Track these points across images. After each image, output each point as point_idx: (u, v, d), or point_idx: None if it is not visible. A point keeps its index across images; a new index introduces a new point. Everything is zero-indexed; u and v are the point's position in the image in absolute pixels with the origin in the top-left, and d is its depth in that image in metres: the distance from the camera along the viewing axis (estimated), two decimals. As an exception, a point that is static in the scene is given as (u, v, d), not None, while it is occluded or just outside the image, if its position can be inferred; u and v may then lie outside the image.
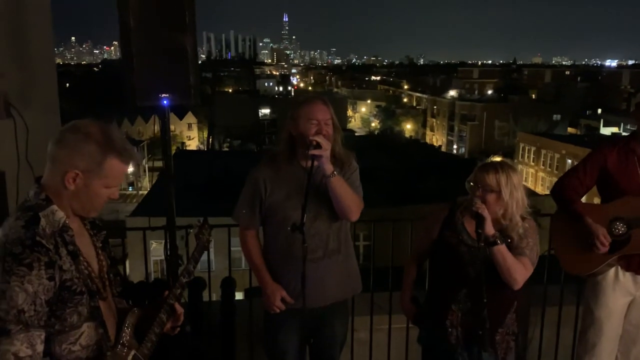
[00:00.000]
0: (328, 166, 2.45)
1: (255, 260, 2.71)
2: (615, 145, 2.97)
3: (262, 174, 2.63)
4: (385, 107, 73.96)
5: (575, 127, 58.31)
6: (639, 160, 2.88)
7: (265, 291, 2.68)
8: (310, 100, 2.59)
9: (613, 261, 2.92)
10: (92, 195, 1.61)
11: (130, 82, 2.57)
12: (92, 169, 1.57)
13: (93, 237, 1.74)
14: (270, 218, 2.66)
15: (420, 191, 23.62)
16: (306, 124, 2.50)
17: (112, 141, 1.60)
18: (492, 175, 2.38)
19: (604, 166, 2.94)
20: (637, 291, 2.97)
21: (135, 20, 2.50)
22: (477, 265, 2.39)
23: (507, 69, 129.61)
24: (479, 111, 59.69)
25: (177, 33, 2.58)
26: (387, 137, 51.49)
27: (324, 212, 2.56)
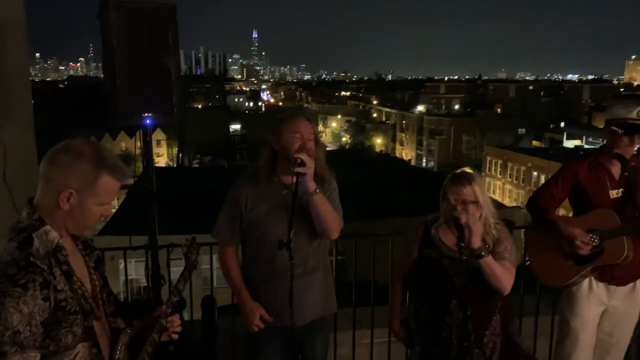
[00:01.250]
0: (311, 184, 2.45)
1: (234, 278, 2.68)
2: (586, 160, 3.09)
3: (242, 190, 2.62)
4: (355, 122, 74.63)
5: (539, 140, 59.85)
6: (608, 174, 3.00)
7: (243, 310, 2.65)
8: (294, 115, 2.59)
9: (587, 272, 3.01)
10: (86, 213, 1.61)
11: (113, 101, 2.56)
12: (86, 187, 1.58)
13: (85, 257, 1.73)
14: (249, 234, 2.64)
15: (392, 205, 23.86)
16: (289, 138, 2.50)
17: (105, 159, 1.61)
18: (468, 187, 2.46)
19: (576, 180, 3.05)
20: (610, 301, 3.07)
21: (118, 40, 2.50)
22: (462, 275, 2.44)
23: (473, 84, 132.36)
24: (447, 126, 60.81)
25: (160, 53, 2.59)
26: (358, 152, 51.93)
27: (304, 230, 2.55)
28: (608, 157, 2.98)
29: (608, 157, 2.98)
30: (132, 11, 2.51)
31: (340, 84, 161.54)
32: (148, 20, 2.58)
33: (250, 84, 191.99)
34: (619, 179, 2.96)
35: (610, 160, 2.98)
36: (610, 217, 2.91)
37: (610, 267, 2.97)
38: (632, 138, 2.87)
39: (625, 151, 2.90)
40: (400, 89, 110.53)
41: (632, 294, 3.06)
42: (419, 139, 65.36)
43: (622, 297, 3.06)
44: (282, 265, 2.47)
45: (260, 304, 2.62)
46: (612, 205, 2.95)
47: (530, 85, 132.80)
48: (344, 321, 3.70)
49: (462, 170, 2.58)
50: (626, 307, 3.06)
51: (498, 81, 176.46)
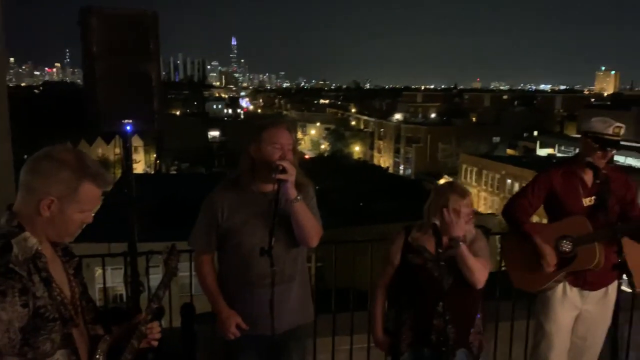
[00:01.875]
0: (292, 191, 2.46)
1: (209, 286, 2.66)
2: (560, 168, 3.18)
3: (219, 198, 2.60)
4: (334, 130, 74.83)
5: (513, 148, 60.84)
6: (581, 182, 3.09)
7: (220, 318, 2.63)
8: (275, 124, 2.58)
9: (561, 277, 3.09)
10: (67, 220, 1.61)
11: (93, 107, 2.55)
12: (67, 195, 1.57)
13: (65, 264, 1.72)
14: (226, 243, 2.62)
15: (370, 212, 23.99)
16: (269, 148, 2.49)
17: (86, 167, 1.60)
18: (468, 199, 2.62)
19: (550, 187, 3.13)
20: (583, 305, 3.15)
21: (99, 46, 2.49)
22: (447, 278, 2.59)
23: (449, 93, 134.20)
24: (424, 134, 61.44)
25: (141, 60, 2.58)
26: (337, 159, 52.07)
27: (283, 238, 2.54)
28: (581, 166, 3.07)
29: (581, 166, 3.07)
30: (113, 18, 2.51)
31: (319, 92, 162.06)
32: (129, 27, 2.57)
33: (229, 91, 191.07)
34: (592, 187, 3.05)
35: (584, 169, 3.07)
36: (583, 224, 2.99)
37: (584, 273, 3.05)
38: (605, 152, 2.99)
39: (598, 163, 3.00)
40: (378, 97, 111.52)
41: (605, 298, 3.14)
42: (397, 147, 65.84)
43: (594, 301, 3.14)
44: (258, 273, 2.48)
45: (236, 312, 2.61)
46: (585, 212, 3.04)
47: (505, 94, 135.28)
48: (323, 328, 3.70)
49: (456, 182, 2.72)
50: (599, 311, 3.14)
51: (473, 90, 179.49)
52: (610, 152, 3.00)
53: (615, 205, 3.03)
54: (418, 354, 2.69)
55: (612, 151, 3.00)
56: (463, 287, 2.61)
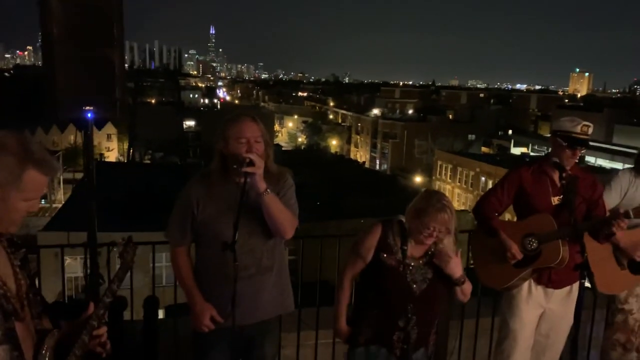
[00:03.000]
0: (261, 184, 2.44)
1: (185, 279, 2.64)
2: (531, 166, 3.21)
3: (194, 190, 2.58)
4: (311, 123, 74.81)
5: (488, 146, 61.71)
6: (551, 181, 3.11)
7: (194, 310, 2.62)
8: (238, 119, 2.55)
9: (526, 275, 3.11)
10: (10, 209, 1.53)
11: (52, 93, 2.45)
12: (10, 182, 1.49)
13: (10, 255, 1.64)
14: (201, 235, 2.61)
15: (345, 206, 24.05)
16: (235, 144, 2.47)
17: (31, 152, 1.52)
18: (448, 213, 2.49)
19: (520, 185, 3.16)
20: (547, 304, 3.19)
21: (59, 30, 2.39)
22: (420, 282, 2.56)
23: (426, 90, 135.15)
24: (400, 130, 61.88)
25: (104, 45, 2.49)
26: (314, 153, 52.04)
27: (258, 229, 2.54)
28: (551, 165, 3.10)
29: (551, 165, 3.10)
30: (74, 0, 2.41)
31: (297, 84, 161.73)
32: (92, 10, 2.47)
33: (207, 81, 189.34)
34: (560, 186, 3.08)
35: (553, 168, 3.10)
36: (548, 222, 3.02)
37: (548, 271, 3.09)
38: (574, 150, 3.02)
39: (567, 162, 3.04)
40: (357, 91, 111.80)
41: (568, 297, 3.18)
42: (374, 142, 66.19)
43: (558, 300, 3.18)
44: (232, 266, 2.43)
45: (211, 305, 2.58)
46: (553, 210, 3.06)
47: (481, 93, 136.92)
48: (288, 322, 3.68)
49: (438, 193, 2.60)
50: (562, 310, 3.18)
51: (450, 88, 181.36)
52: (579, 151, 3.03)
53: (581, 204, 3.07)
54: (373, 351, 2.66)
55: (581, 150, 3.03)
56: (434, 292, 2.59)
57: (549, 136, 3.23)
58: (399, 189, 34.08)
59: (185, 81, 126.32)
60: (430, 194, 2.62)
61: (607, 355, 3.62)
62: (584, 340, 3.92)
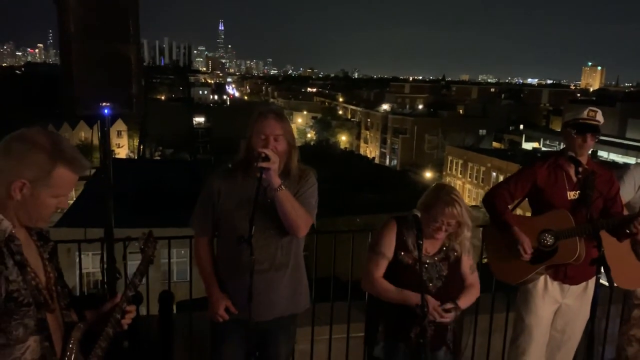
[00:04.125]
0: (275, 179, 2.44)
1: (205, 268, 2.70)
2: (546, 161, 3.17)
3: (216, 182, 2.64)
4: (321, 119, 74.74)
5: (499, 141, 61.30)
6: (567, 176, 3.09)
7: (210, 299, 2.67)
8: (263, 115, 2.57)
9: (542, 270, 3.10)
10: (39, 205, 1.56)
11: (69, 89, 2.47)
12: (40, 178, 1.53)
13: (40, 249, 1.67)
14: (220, 227, 2.67)
15: (355, 202, 24.02)
16: (256, 139, 2.52)
17: (62, 150, 1.56)
18: (457, 208, 2.51)
19: (535, 181, 3.13)
20: (563, 299, 3.17)
21: (76, 26, 2.41)
22: (435, 280, 2.58)
23: (436, 85, 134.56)
24: (410, 125, 61.58)
25: (120, 41, 2.51)
26: (323, 148, 52.01)
27: (273, 225, 2.55)
28: (566, 159, 3.08)
29: (566, 159, 3.08)
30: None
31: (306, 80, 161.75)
32: (108, 7, 2.49)
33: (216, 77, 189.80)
34: (577, 181, 3.05)
35: (569, 163, 3.07)
36: (565, 218, 3.00)
37: (564, 267, 3.07)
38: (584, 137, 3.00)
39: (580, 151, 3.01)
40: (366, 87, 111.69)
41: (584, 293, 3.16)
42: (383, 138, 65.95)
43: (574, 296, 3.16)
44: (246, 260, 2.44)
45: (227, 296, 2.63)
46: (569, 206, 3.04)
47: (492, 87, 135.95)
48: (302, 317, 3.68)
49: (447, 187, 2.62)
50: (578, 306, 3.16)
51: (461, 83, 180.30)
52: (590, 138, 3.00)
53: (598, 200, 3.04)
54: (393, 346, 2.67)
55: (591, 137, 3.00)
56: (449, 289, 2.61)
57: (561, 130, 3.20)
58: (409, 184, 33.99)
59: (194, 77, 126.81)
60: (439, 187, 2.64)
61: (623, 350, 3.60)
62: (599, 335, 3.89)
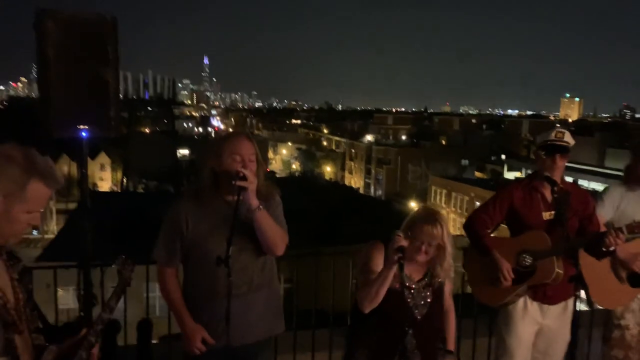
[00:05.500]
0: (253, 200, 2.43)
1: (174, 300, 2.59)
2: (520, 183, 3.24)
3: (183, 208, 2.56)
4: (305, 150, 75.10)
5: (482, 171, 61.93)
6: (542, 197, 3.14)
7: (184, 332, 2.57)
8: (234, 136, 2.58)
9: (522, 291, 3.11)
10: (12, 220, 1.54)
11: (46, 112, 2.47)
12: (14, 192, 1.51)
13: (9, 269, 1.64)
14: (191, 253, 2.57)
15: (340, 232, 23.94)
16: (229, 160, 2.47)
17: (35, 164, 1.55)
18: (439, 229, 2.49)
19: (511, 202, 3.17)
20: (544, 320, 3.18)
21: (54, 50, 2.42)
22: (421, 307, 2.55)
23: (419, 116, 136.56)
24: (394, 155, 62.16)
25: (98, 65, 2.52)
26: (308, 179, 52.02)
27: (250, 246, 2.52)
28: (540, 181, 3.13)
29: (540, 181, 3.13)
30: (70, 22, 2.44)
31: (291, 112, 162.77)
32: (87, 32, 2.50)
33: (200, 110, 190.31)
34: (552, 202, 3.10)
35: (543, 184, 3.12)
36: (542, 238, 3.03)
37: (543, 286, 3.08)
38: (553, 157, 3.05)
39: (552, 172, 3.06)
40: (350, 118, 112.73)
41: (564, 314, 3.17)
42: (368, 168, 66.36)
43: (554, 316, 3.17)
44: (225, 284, 2.39)
45: (201, 325, 2.54)
46: (545, 226, 3.08)
47: (473, 118, 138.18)
48: (284, 344, 3.64)
49: (432, 209, 2.63)
50: (558, 326, 3.16)
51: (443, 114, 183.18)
52: (559, 159, 3.05)
53: (573, 219, 3.09)
54: None
55: (560, 158, 3.04)
56: (434, 316, 2.59)
57: (532, 153, 3.28)
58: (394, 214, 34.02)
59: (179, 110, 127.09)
60: (424, 208, 2.67)
61: (606, 372, 3.59)
62: (582, 358, 3.89)
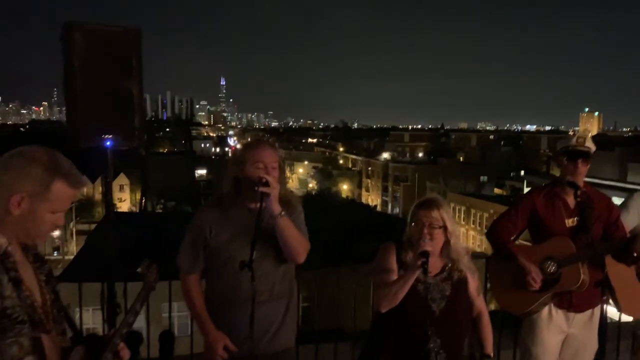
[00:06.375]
0: (276, 206, 2.45)
1: (196, 307, 2.60)
2: (542, 190, 3.20)
3: (206, 216, 2.59)
4: (322, 169, 75.24)
5: (501, 188, 61.35)
6: (563, 203, 3.10)
7: (207, 340, 2.57)
8: (257, 144, 2.61)
9: (546, 299, 3.05)
10: (37, 220, 1.57)
11: (72, 123, 2.53)
12: (39, 192, 1.54)
13: (36, 270, 1.67)
14: (214, 260, 2.59)
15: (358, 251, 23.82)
16: (252, 168, 2.49)
17: (59, 165, 1.58)
18: (436, 211, 2.50)
19: (534, 210, 3.14)
20: (569, 328, 3.11)
21: (80, 60, 2.49)
22: (439, 302, 2.50)
23: (435, 133, 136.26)
24: (411, 172, 61.96)
25: (123, 76, 2.58)
26: (325, 198, 52.02)
27: (271, 254, 2.53)
28: (562, 186, 3.10)
29: (562, 186, 3.10)
30: (95, 34, 2.52)
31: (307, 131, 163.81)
32: (112, 43, 2.58)
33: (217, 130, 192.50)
34: (574, 208, 3.06)
35: (565, 190, 3.09)
36: (566, 245, 2.98)
37: (569, 294, 3.03)
38: (575, 163, 3.03)
39: (575, 178, 3.03)
40: (366, 136, 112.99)
41: (590, 322, 3.10)
42: (384, 185, 66.19)
43: (580, 325, 3.10)
44: (247, 290, 2.40)
45: (224, 333, 2.54)
46: (567, 233, 3.04)
47: (491, 135, 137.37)
48: (306, 357, 3.61)
49: (430, 196, 2.61)
50: (585, 335, 3.10)
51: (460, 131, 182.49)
52: (581, 164, 3.02)
53: (597, 225, 3.04)
54: None
55: (582, 163, 3.02)
56: (454, 310, 2.53)
57: (553, 159, 3.25)
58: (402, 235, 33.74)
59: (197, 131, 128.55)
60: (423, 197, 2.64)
61: (636, 382, 3.50)
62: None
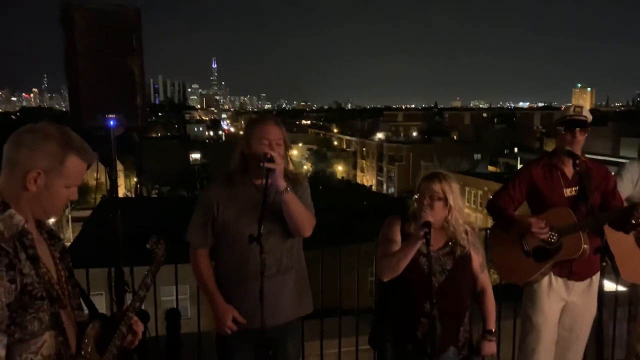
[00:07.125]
0: (281, 182, 2.49)
1: (206, 281, 2.67)
2: (540, 162, 3.24)
3: (214, 192, 2.64)
4: (316, 150, 75.11)
5: (495, 165, 61.55)
6: (562, 174, 3.14)
7: (216, 312, 2.64)
8: (262, 121, 2.63)
9: (547, 269, 3.11)
10: (53, 195, 1.59)
11: (75, 103, 2.53)
12: (54, 167, 1.56)
13: (51, 247, 1.69)
14: (222, 237, 2.64)
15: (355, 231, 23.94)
16: (257, 144, 2.53)
17: (72, 140, 1.60)
18: (437, 184, 2.56)
19: (532, 181, 3.18)
20: (569, 296, 3.18)
21: (80, 40, 2.49)
22: (440, 275, 2.56)
23: (429, 112, 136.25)
24: (406, 152, 62.02)
25: (124, 55, 2.58)
26: (321, 179, 52.08)
27: (278, 229, 2.58)
28: (560, 157, 3.13)
29: (560, 157, 3.13)
30: (95, 13, 2.51)
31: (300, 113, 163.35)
32: (112, 22, 2.57)
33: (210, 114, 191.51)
34: (572, 178, 3.10)
35: (563, 160, 3.12)
36: (567, 214, 3.03)
37: (569, 263, 3.08)
38: (573, 132, 3.05)
39: (573, 148, 3.05)
40: (360, 117, 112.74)
41: (589, 290, 3.17)
42: (379, 166, 66.26)
43: (579, 292, 3.16)
44: (255, 265, 2.45)
45: (232, 306, 2.60)
46: (567, 203, 3.08)
47: (484, 112, 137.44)
48: (311, 331, 3.67)
49: (437, 170, 2.68)
50: (584, 303, 3.17)
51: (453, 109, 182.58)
52: (579, 133, 3.04)
53: (595, 194, 3.08)
54: (401, 349, 2.65)
55: (580, 132, 3.04)
56: (454, 284, 2.60)
57: (551, 130, 3.29)
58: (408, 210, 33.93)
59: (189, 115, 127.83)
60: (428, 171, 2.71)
61: (633, 348, 3.59)
62: (607, 336, 3.87)
